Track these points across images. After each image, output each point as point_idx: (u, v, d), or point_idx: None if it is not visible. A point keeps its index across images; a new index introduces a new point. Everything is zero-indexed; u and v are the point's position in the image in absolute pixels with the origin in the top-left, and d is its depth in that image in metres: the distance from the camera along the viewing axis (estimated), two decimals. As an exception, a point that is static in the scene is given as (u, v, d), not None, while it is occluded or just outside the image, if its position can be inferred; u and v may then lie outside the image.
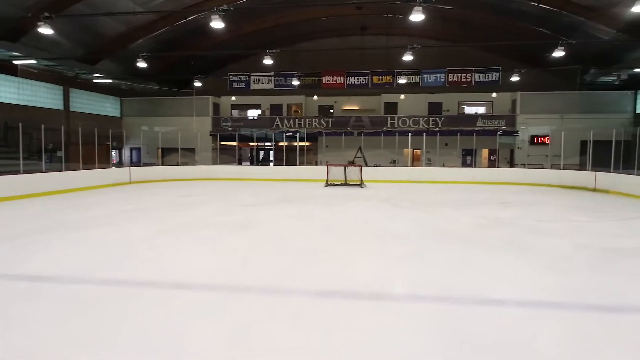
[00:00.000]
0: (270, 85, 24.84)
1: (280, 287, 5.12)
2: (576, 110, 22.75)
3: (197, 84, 23.47)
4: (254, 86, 25.04)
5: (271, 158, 29.51)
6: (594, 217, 10.76)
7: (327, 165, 19.28)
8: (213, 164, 24.99)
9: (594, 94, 22.97)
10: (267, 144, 28.85)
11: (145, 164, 25.09)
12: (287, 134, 23.74)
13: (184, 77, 25.50)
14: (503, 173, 20.69)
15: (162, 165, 26.55)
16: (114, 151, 26.86)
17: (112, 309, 4.37)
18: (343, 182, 19.35)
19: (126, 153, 27.27)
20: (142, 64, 17.09)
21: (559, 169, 19.70)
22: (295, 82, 22.91)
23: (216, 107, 27.31)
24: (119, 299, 4.65)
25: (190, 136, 25.23)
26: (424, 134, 21.76)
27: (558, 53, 14.79)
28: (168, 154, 27.38)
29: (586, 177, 17.63)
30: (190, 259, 6.32)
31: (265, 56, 17.19)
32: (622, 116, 22.27)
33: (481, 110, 26.52)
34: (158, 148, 26.46)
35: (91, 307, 4.40)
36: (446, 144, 24.08)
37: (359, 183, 18.87)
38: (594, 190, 17.04)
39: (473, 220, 9.94)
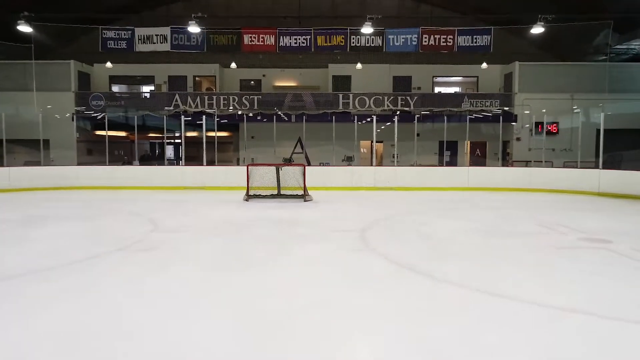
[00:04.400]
0: (166, 46, 16.74)
1: None
2: (590, 89, 16.90)
3: (23, 28, 14.13)
4: (140, 47, 16.80)
5: (180, 155, 21.24)
6: None
7: (247, 166, 11.62)
8: (79, 164, 16.45)
9: (615, 67, 17.16)
10: (176, 135, 20.52)
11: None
12: (187, 118, 15.55)
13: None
14: (511, 175, 14.22)
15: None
16: None
17: None
18: (275, 193, 11.85)
19: None
20: None
21: (589, 167, 13.62)
22: (195, 29, 14.98)
23: (85, 78, 18.44)
24: None
25: (43, 122, 16.33)
26: (395, 118, 14.72)
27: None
28: (16, 148, 18.19)
29: (647, 181, 11.53)
30: None
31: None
32: (647, 97, 16.79)
33: (456, 89, 20.18)
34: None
35: None
36: (418, 134, 17.34)
37: (300, 194, 11.45)
38: (664, 201, 10.97)
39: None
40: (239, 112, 17.00)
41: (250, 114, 17.08)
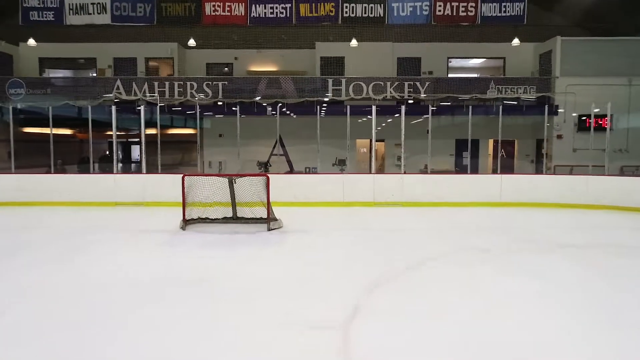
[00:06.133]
0: (106, 18, 13.06)
1: None
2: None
3: None
4: (72, 20, 13.18)
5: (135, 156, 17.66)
6: None
7: (182, 177, 7.91)
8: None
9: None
10: (134, 132, 16.84)
11: None
12: (121, 106, 11.79)
13: None
14: (558, 184, 10.47)
15: None
16: None
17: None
18: (231, 216, 8.18)
19: None
20: None
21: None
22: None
23: (6, 60, 14.65)
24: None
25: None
26: (402, 109, 10.95)
27: None
28: None
29: None
30: None
31: None
32: None
33: (475, 75, 16.43)
34: None
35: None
36: (428, 131, 13.58)
37: (264, 217, 7.77)
38: None
39: None
40: (184, 98, 13.18)
41: (204, 98, 13.28)
